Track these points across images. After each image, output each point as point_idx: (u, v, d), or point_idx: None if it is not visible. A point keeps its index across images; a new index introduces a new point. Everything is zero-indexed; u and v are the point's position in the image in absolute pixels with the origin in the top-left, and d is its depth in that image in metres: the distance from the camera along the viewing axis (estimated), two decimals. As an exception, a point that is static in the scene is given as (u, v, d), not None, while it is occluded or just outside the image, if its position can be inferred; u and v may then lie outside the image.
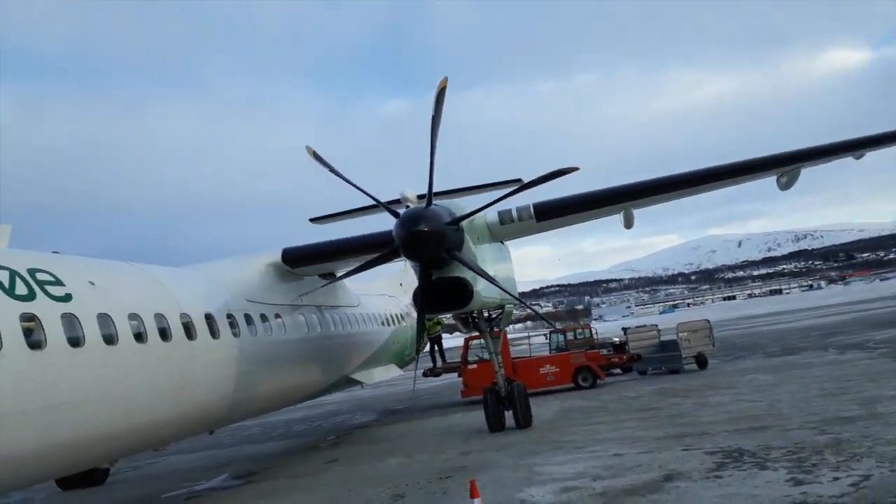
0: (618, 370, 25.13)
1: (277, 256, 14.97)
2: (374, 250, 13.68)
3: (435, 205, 12.03)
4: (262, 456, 17.00)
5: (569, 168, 11.69)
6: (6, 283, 8.25)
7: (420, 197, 21.11)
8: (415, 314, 25.23)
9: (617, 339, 26.14)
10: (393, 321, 21.90)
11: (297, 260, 15.14)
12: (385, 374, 20.59)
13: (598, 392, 20.80)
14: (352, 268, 14.95)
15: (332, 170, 12.80)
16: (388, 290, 23.98)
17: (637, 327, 27.40)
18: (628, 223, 14.90)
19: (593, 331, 28.27)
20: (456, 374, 24.21)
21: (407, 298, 25.50)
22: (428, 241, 11.68)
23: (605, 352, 24.70)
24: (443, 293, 12.62)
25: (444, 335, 26.60)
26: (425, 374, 25.37)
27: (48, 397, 8.25)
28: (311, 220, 25.66)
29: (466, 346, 23.86)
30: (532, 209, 13.91)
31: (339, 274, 17.20)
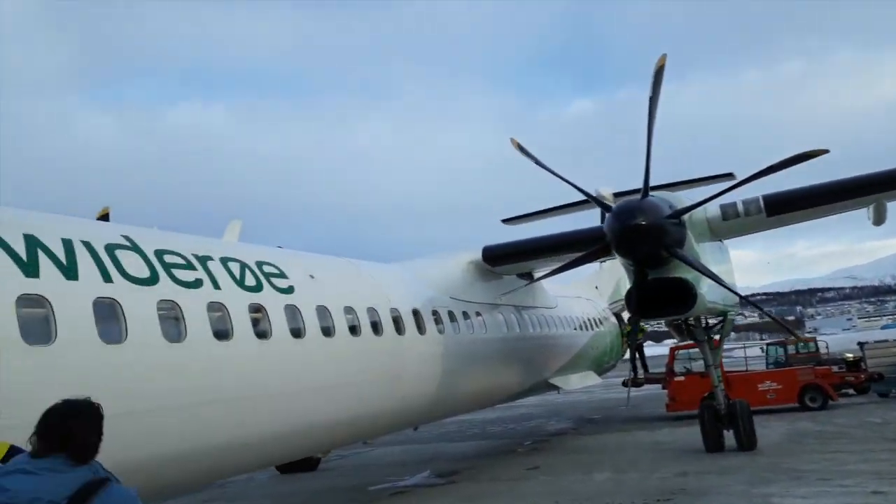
0: (851, 391, 21.96)
1: (478, 254, 14.75)
2: (579, 248, 12.90)
3: (652, 196, 10.95)
4: (461, 455, 16.91)
5: (816, 151, 10.04)
6: (237, 275, 8.67)
7: (619, 194, 19.87)
8: (613, 319, 24.14)
9: (850, 356, 22.82)
10: (591, 325, 20.92)
11: (497, 258, 14.80)
12: (583, 381, 19.66)
13: (831, 415, 18.19)
14: (552, 268, 14.30)
15: (537, 162, 12.25)
16: (583, 293, 23.01)
17: (877, 342, 23.77)
18: (879, 218, 12.64)
19: (820, 344, 25.01)
20: (659, 386, 22.60)
21: (603, 302, 24.33)
22: (646, 236, 10.65)
23: (836, 369, 21.67)
24: (661, 295, 11.49)
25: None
26: (625, 384, 24.00)
27: (272, 386, 8.53)
28: (504, 221, 25.39)
29: (672, 356, 22.18)
30: (762, 202, 12.25)
31: (536, 275, 16.66)
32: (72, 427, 2.97)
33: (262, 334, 8.52)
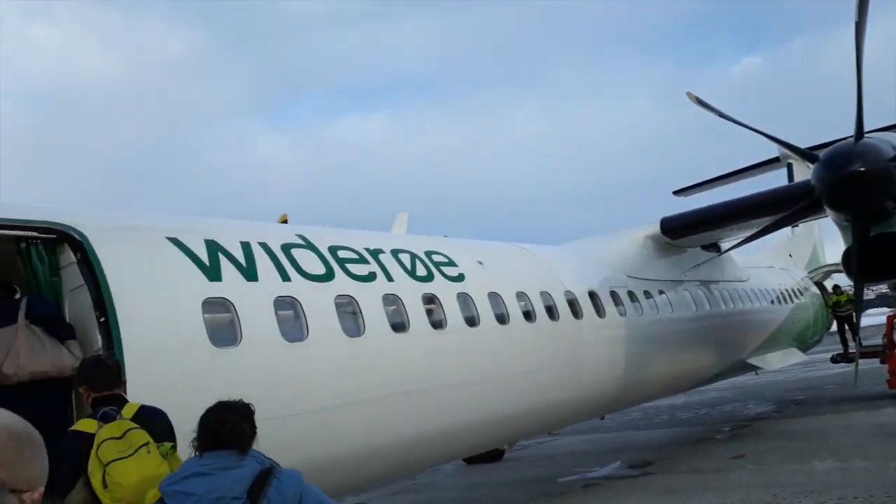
0: None
1: (656, 227, 13.62)
2: (776, 209, 11.38)
3: (869, 137, 9.23)
4: (652, 444, 15.83)
5: None
6: (409, 266, 8.49)
7: (816, 147, 17.60)
8: (814, 289, 21.56)
9: None
10: (790, 297, 18.79)
11: (678, 229, 13.57)
12: (785, 360, 17.71)
13: None
14: (742, 236, 12.83)
15: (720, 114, 10.96)
16: (775, 262, 20.76)
17: None
18: None
19: None
20: (878, 361, 19.82)
21: (801, 272, 21.84)
22: (867, 185, 8.94)
23: None
24: (887, 255, 9.73)
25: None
26: (834, 360, 21.39)
27: (451, 377, 8.26)
28: (676, 192, 23.57)
29: (891, 326, 19.33)
30: None
31: (724, 245, 15.14)
32: (231, 423, 3.08)
33: (437, 324, 8.28)
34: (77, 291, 5.47)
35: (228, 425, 3.08)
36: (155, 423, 4.08)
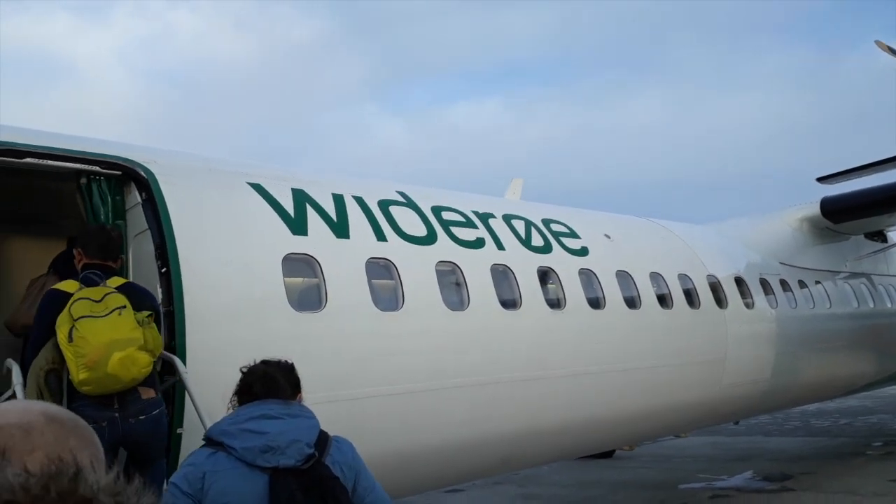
0: None
1: (815, 208, 11.66)
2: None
3: None
4: (787, 454, 13.93)
5: None
6: (523, 234, 7.35)
7: None
8: None
9: None
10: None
11: (842, 212, 11.55)
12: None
13: None
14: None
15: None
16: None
17: None
18: None
19: None
20: None
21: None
22: None
23: None
24: None
25: None
26: None
27: (567, 366, 7.08)
28: (819, 179, 20.86)
29: None
30: None
31: (890, 233, 12.92)
32: (261, 372, 2.96)
33: (553, 303, 7.10)
34: (141, 237, 4.76)
35: (258, 373, 2.95)
36: (138, 297, 3.93)
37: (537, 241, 7.47)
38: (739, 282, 9.52)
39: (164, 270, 4.50)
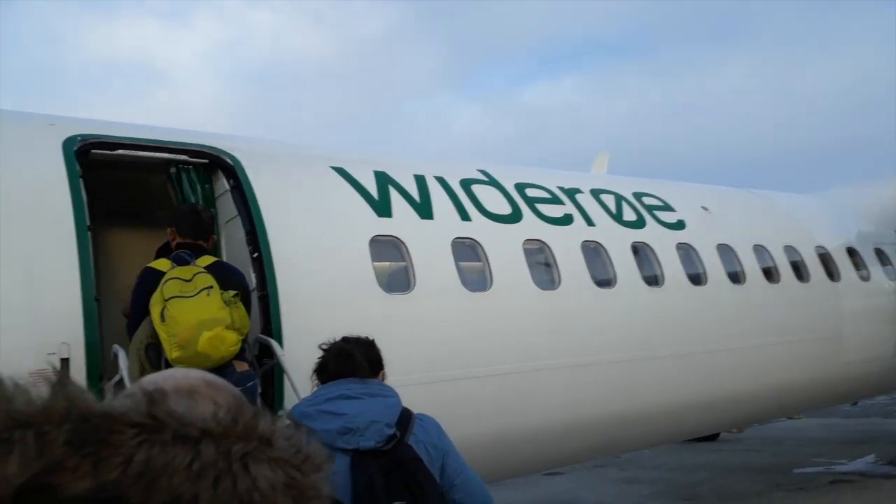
0: None
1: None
2: None
3: None
4: (914, 438, 12.84)
5: None
6: (613, 208, 7.02)
7: None
8: None
9: None
10: None
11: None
12: None
13: None
14: None
15: None
16: None
17: None
18: None
19: None
20: None
21: None
22: None
23: None
24: None
25: None
26: None
27: (668, 346, 6.72)
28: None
29: None
30: None
31: None
32: (338, 349, 2.90)
33: (651, 280, 6.74)
34: (232, 224, 4.81)
35: (334, 350, 2.89)
36: (227, 276, 4.04)
37: (629, 215, 7.12)
38: (852, 252, 8.79)
39: (255, 255, 4.53)
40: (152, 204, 5.27)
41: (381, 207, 5.34)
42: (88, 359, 3.76)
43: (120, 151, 4.52)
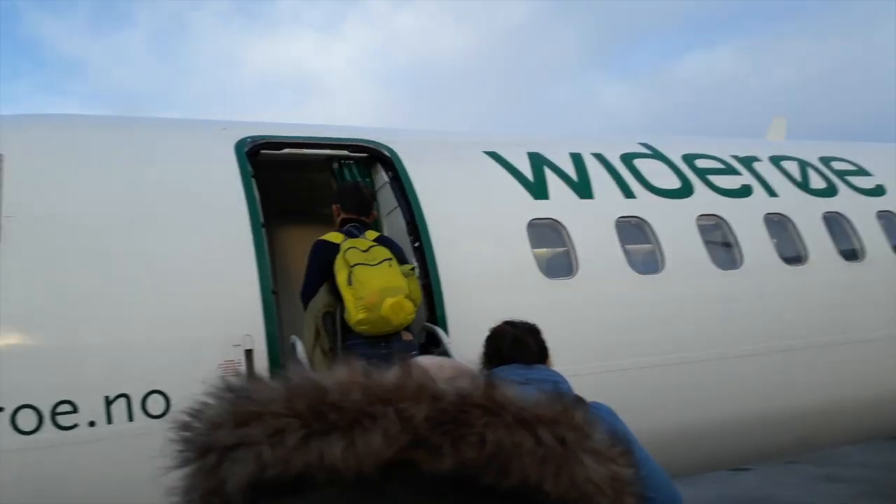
0: None
1: None
2: None
3: None
4: None
5: None
6: (797, 176, 6.30)
7: None
8: None
9: None
10: None
11: None
12: None
13: None
14: None
15: None
16: None
17: None
18: None
19: None
20: None
21: None
22: None
23: None
24: None
25: None
26: None
27: (875, 329, 5.89)
28: None
29: None
30: None
31: None
32: (511, 335, 2.85)
33: (849, 254, 5.96)
34: (393, 215, 4.85)
35: (508, 336, 2.83)
36: (397, 250, 4.22)
37: (817, 182, 6.35)
38: None
39: (416, 245, 4.53)
40: (318, 202, 5.45)
41: (538, 189, 5.14)
42: (270, 349, 3.92)
43: (286, 150, 4.70)
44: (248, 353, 3.84)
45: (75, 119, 4.64)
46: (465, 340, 4.19)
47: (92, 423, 3.48)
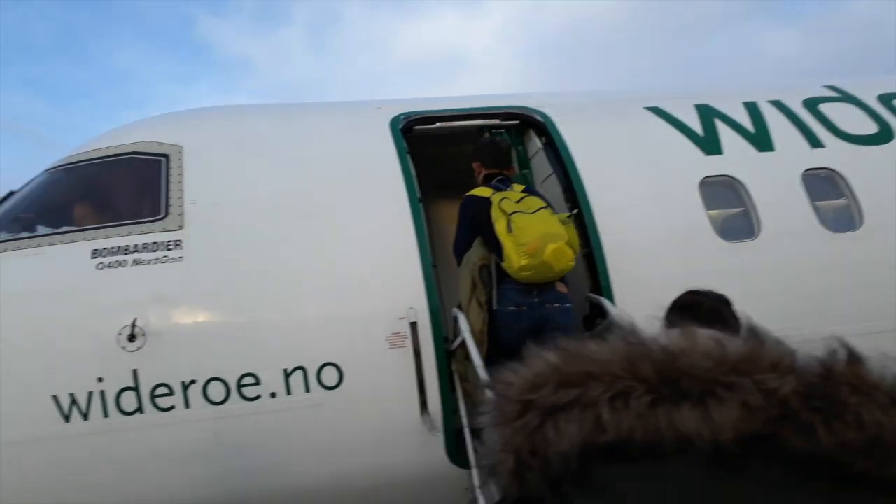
0: None
1: None
2: None
3: None
4: None
5: None
6: None
7: None
8: None
9: None
10: None
11: None
12: None
13: None
14: None
15: None
16: None
17: None
18: None
19: None
20: None
21: None
22: None
23: None
24: None
25: None
26: None
27: None
28: None
29: None
30: None
31: None
32: (706, 306, 2.63)
33: None
34: (548, 182, 4.65)
35: (704, 310, 2.52)
36: (543, 198, 4.14)
37: None
38: None
39: (575, 212, 4.31)
40: (470, 175, 5.39)
41: (709, 144, 4.70)
42: (433, 322, 3.90)
43: (438, 124, 4.66)
44: (413, 326, 3.84)
45: (243, 109, 4.89)
46: (634, 311, 3.93)
47: (273, 395, 3.65)
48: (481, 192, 4.13)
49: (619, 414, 0.49)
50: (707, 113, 4.83)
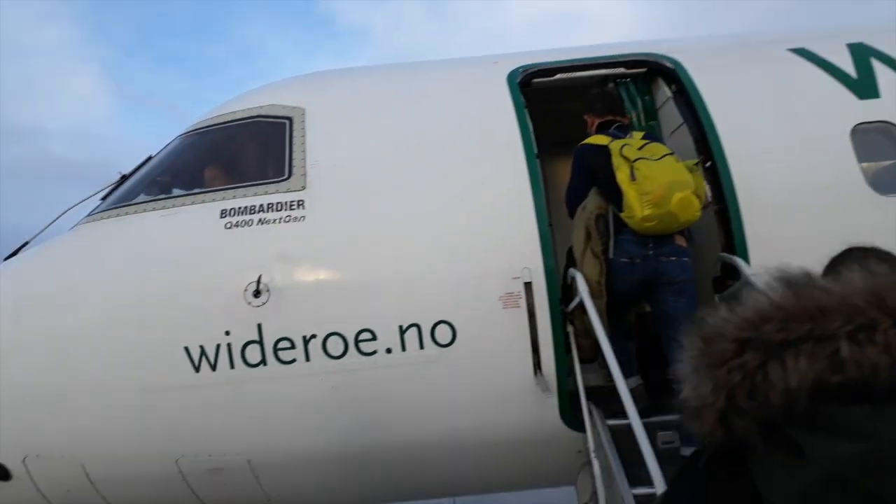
0: None
1: None
2: None
3: None
4: None
5: None
6: None
7: None
8: None
9: None
10: None
11: None
12: None
13: None
14: None
15: None
16: None
17: None
18: None
19: None
20: None
21: None
22: None
23: None
24: None
25: None
26: None
27: None
28: None
29: None
30: None
31: None
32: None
33: None
34: (678, 134, 4.33)
35: (881, 254, 2.16)
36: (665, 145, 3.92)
37: None
38: None
39: (708, 165, 3.99)
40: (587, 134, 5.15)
41: (864, 87, 4.18)
42: (548, 282, 3.77)
43: (558, 76, 4.45)
44: (528, 286, 3.73)
45: (360, 70, 4.92)
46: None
47: (389, 350, 3.69)
48: (598, 139, 3.94)
49: (865, 348, 0.46)
50: (862, 53, 4.28)
